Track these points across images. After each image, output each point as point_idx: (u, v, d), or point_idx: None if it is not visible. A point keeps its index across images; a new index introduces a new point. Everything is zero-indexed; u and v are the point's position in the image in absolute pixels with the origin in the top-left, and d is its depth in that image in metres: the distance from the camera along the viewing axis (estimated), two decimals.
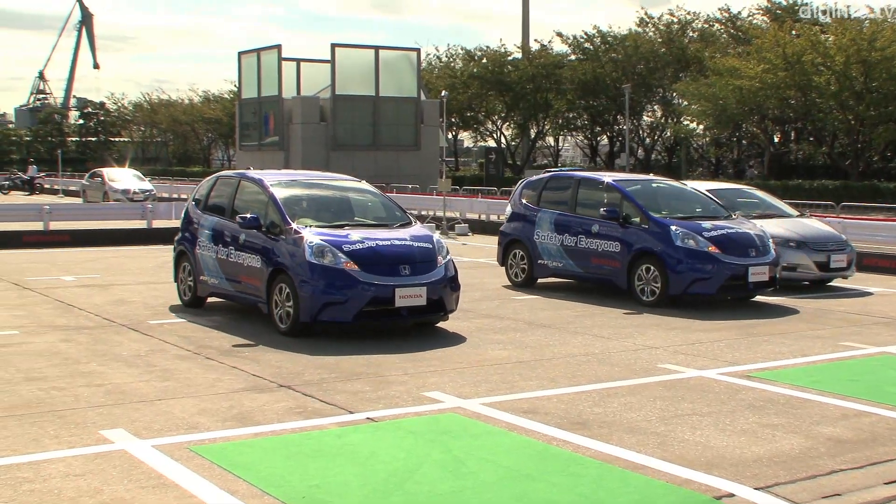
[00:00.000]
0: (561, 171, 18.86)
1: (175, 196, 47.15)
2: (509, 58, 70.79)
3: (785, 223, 17.36)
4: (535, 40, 74.11)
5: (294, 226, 12.49)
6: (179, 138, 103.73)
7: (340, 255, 11.95)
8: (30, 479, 6.49)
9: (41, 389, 9.05)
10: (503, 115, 74.06)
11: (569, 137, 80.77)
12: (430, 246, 12.68)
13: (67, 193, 57.44)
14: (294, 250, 12.19)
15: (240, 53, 57.29)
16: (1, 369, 9.91)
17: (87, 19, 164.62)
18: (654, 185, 17.28)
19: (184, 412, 8.26)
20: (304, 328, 11.99)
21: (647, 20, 63.83)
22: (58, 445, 7.27)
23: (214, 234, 13.88)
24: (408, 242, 12.58)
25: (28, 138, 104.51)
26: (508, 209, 18.37)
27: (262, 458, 6.98)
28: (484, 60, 71.02)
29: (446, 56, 76.71)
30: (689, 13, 63.32)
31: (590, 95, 65.57)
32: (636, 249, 15.19)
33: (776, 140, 57.04)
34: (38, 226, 25.84)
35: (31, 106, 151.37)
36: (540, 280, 17.12)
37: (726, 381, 9.72)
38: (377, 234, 12.72)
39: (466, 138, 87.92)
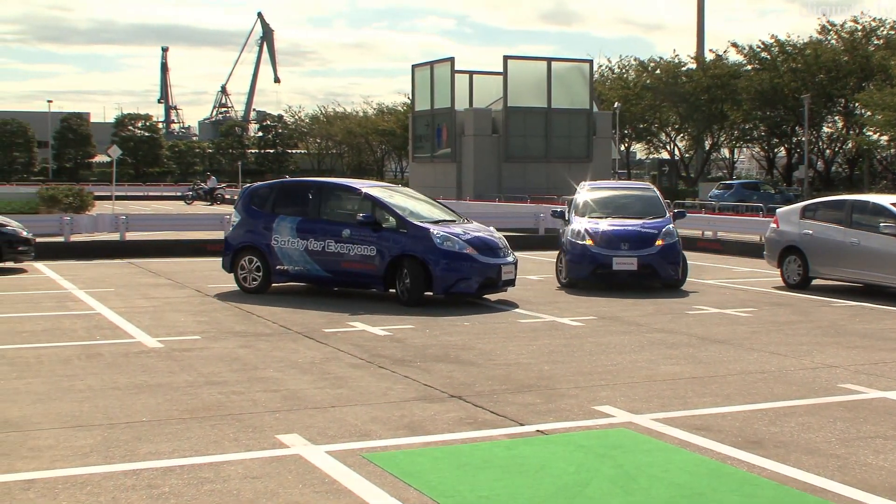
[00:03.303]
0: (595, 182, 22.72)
1: None
2: (683, 68, 69.75)
3: None
4: (710, 50, 72.81)
5: (415, 222, 15.88)
6: (354, 150, 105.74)
7: (461, 242, 15.65)
8: (210, 480, 6.71)
9: (221, 393, 9.35)
10: (677, 126, 72.97)
11: (744, 149, 79.08)
12: (501, 236, 16.85)
13: None
14: (423, 241, 15.57)
15: (414, 67, 58.10)
16: (185, 373, 10.28)
17: (267, 35, 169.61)
18: (613, 191, 21.01)
19: (356, 419, 8.40)
20: (424, 300, 15.55)
21: (829, 28, 61.80)
22: (236, 448, 7.49)
23: (300, 230, 16.58)
24: (490, 235, 16.49)
25: (210, 150, 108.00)
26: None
27: (433, 468, 7.05)
28: (657, 71, 70.16)
29: (619, 67, 76.15)
30: (873, 20, 60.71)
31: (767, 106, 63.85)
32: (560, 243, 19.39)
33: None
34: (219, 235, 26.72)
35: (213, 119, 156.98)
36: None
37: None
38: (465, 227, 16.46)
39: (639, 150, 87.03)
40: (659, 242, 18.17)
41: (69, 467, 6.95)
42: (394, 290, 15.96)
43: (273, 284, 17.13)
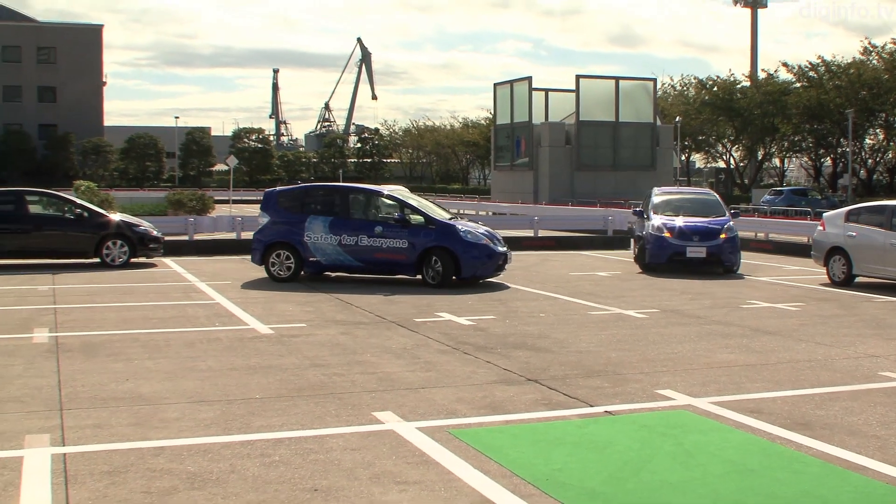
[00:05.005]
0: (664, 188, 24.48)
1: None
2: (738, 86, 68.77)
3: None
4: (762, 70, 71.67)
5: (440, 219, 17.17)
6: (441, 159, 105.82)
7: (479, 234, 17.09)
8: (315, 451, 6.77)
9: (324, 374, 9.43)
10: (732, 138, 72.02)
11: (794, 159, 77.68)
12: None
13: None
14: (450, 234, 16.84)
15: (495, 85, 58.12)
16: (292, 356, 10.39)
17: (366, 57, 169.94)
18: (681, 195, 22.87)
19: (444, 399, 8.41)
20: (452, 281, 16.75)
21: (871, 49, 60.41)
22: (337, 423, 7.54)
23: (332, 227, 17.35)
24: (490, 229, 17.87)
25: (315, 160, 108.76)
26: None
27: (511, 443, 7.03)
28: (715, 89, 69.27)
29: (680, 85, 75.51)
30: None
31: (814, 120, 62.64)
32: (637, 235, 22.23)
33: None
34: None
35: (317, 132, 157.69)
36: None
37: None
38: (472, 223, 18.04)
39: (698, 159, 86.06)
40: (723, 236, 20.23)
41: (193, 437, 7.08)
42: (420, 276, 17.11)
43: (301, 273, 17.77)
